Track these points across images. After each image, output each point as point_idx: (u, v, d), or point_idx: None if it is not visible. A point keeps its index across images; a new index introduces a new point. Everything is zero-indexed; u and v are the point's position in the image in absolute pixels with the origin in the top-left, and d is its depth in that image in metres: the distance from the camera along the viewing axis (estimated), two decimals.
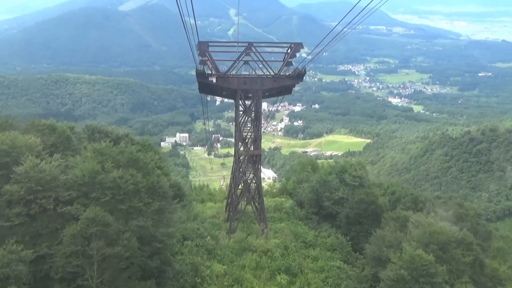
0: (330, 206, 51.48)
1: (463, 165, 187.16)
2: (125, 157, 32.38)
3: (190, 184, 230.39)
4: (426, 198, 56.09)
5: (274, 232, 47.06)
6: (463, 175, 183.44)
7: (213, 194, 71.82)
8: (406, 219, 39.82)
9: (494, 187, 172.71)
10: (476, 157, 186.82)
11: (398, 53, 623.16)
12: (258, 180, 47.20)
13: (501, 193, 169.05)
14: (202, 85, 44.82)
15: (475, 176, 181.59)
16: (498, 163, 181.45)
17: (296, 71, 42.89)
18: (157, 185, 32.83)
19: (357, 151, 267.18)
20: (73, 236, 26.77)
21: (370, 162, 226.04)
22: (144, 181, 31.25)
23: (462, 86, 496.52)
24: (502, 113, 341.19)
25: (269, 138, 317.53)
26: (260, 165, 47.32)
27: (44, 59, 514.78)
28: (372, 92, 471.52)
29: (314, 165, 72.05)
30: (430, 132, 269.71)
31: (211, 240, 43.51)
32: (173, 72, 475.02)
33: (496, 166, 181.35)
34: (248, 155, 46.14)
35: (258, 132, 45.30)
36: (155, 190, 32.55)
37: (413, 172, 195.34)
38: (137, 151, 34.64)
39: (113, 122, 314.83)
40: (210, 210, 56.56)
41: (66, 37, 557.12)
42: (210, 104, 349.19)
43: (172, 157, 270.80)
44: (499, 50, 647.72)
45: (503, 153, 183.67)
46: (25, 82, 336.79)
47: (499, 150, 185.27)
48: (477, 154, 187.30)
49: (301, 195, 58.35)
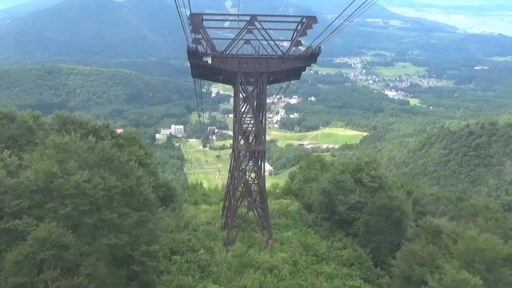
0: (344, 211, 45.04)
1: (462, 159, 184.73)
2: (96, 154, 26.89)
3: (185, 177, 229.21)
4: (449, 199, 49.90)
5: (280, 243, 41.25)
6: (462, 169, 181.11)
7: (207, 194, 64.50)
8: (439, 229, 34.27)
9: (493, 181, 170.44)
10: (475, 151, 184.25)
11: (395, 46, 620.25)
12: (262, 181, 40.76)
13: (501, 187, 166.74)
14: (195, 68, 39.26)
15: (474, 170, 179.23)
16: (498, 157, 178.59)
17: (308, 51, 36.46)
18: (136, 190, 27.43)
19: (354, 144, 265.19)
20: (17, 264, 19.79)
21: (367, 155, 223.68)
22: (120, 185, 25.97)
23: (458, 79, 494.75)
24: (499, 107, 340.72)
25: None
26: (264, 163, 40.95)
27: (38, 50, 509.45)
28: (369, 85, 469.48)
29: (323, 162, 64.18)
30: (427, 126, 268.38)
31: (205, 254, 37.63)
32: (169, 63, 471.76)
33: (496, 160, 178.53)
34: (249, 151, 40.15)
35: (262, 124, 39.22)
36: (134, 197, 27.30)
37: (411, 166, 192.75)
38: (113, 147, 29.66)
39: (107, 113, 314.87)
40: (205, 214, 49.87)
41: (60, 28, 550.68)
42: (206, 96, 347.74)
43: (167, 149, 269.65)
44: (495, 44, 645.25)
45: (503, 147, 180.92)
46: (18, 72, 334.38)
47: (498, 144, 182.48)
48: (476, 148, 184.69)
49: (309, 197, 52.31)
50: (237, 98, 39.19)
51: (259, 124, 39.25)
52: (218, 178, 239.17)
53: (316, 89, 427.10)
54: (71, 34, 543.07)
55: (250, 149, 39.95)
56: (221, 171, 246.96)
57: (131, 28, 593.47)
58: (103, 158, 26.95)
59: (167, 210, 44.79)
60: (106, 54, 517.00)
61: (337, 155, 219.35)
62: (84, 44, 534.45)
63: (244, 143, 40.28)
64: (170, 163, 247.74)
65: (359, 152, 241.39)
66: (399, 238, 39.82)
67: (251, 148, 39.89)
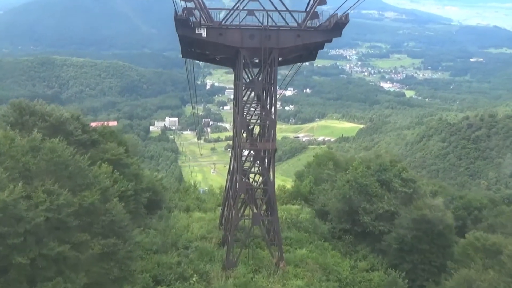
0: (370, 222, 37.88)
1: (461, 152, 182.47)
2: (43, 158, 19.49)
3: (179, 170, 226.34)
4: (481, 203, 43.83)
5: (294, 265, 33.28)
6: (461, 162, 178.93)
7: (202, 199, 55.36)
8: (496, 248, 27.78)
9: (493, 174, 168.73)
10: (475, 144, 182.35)
11: (390, 38, 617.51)
12: (271, 187, 32.11)
13: (500, 180, 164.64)
14: (186, 44, 31.28)
15: (474, 163, 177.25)
16: (498, 150, 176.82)
17: (332, 20, 28.39)
18: (100, 208, 20.20)
19: (350, 137, 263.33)
20: None
21: (364, 148, 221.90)
22: (76, 201, 19.13)
23: (454, 71, 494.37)
24: (495, 98, 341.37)
25: None
26: (273, 165, 32.36)
27: (31, 42, 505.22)
28: (364, 77, 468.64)
29: (336, 160, 55.42)
30: (424, 118, 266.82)
31: (199, 282, 29.65)
32: (163, 55, 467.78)
33: (495, 153, 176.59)
34: (255, 150, 31.77)
35: (272, 116, 30.61)
36: (97, 217, 20.11)
37: (409, 158, 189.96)
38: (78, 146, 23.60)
39: (101, 105, 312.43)
40: (198, 224, 41.12)
41: (53, 20, 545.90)
42: (200, 88, 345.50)
43: (161, 141, 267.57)
44: (490, 36, 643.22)
45: (502, 140, 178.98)
46: (10, 64, 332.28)
47: (498, 136, 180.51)
48: (476, 141, 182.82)
49: (323, 202, 44.95)
50: (239, 83, 31.23)
51: (268, 115, 30.57)
52: (214, 172, 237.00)
53: (312, 81, 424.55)
54: (64, 26, 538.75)
55: (257, 147, 31.39)
56: (217, 164, 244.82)
57: (125, 19, 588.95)
58: (53, 163, 19.34)
59: (153, 219, 40.21)
60: (100, 46, 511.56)
61: (333, 147, 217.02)
62: (77, 36, 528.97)
63: (247, 140, 31.99)
64: (164, 156, 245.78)
65: (355, 144, 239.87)
66: (441, 259, 33.63)
67: (257, 146, 31.35)
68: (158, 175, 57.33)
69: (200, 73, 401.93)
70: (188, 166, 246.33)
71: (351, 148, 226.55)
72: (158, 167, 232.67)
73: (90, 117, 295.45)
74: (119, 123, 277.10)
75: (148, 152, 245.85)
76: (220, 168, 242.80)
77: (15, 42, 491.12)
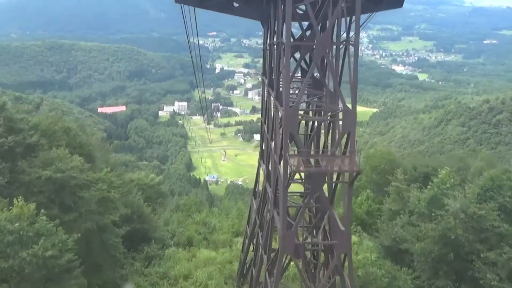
0: (493, 279, 23.83)
1: (482, 137, 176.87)
2: None
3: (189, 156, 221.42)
4: None
5: None
6: (481, 147, 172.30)
7: (210, 225, 39.08)
8: None
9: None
10: (496, 128, 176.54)
11: (401, 20, 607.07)
12: (346, 246, 18.58)
13: None
14: None
15: (495, 149, 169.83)
16: None
17: None
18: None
19: (364, 121, 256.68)
20: None
21: (379, 132, 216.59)
22: None
23: (466, 54, 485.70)
24: (511, 81, 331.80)
25: None
26: (350, 203, 18.63)
27: (39, 26, 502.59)
28: (375, 60, 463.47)
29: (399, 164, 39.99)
30: (438, 101, 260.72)
31: None
32: (172, 39, 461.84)
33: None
34: (315, 174, 18.03)
35: (349, 105, 17.71)
36: None
37: (427, 144, 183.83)
38: None
39: (109, 90, 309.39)
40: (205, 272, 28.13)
41: (61, 4, 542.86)
42: (209, 71, 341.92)
43: (170, 126, 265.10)
44: (503, 17, 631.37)
45: None
46: (18, 49, 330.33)
47: None
48: (497, 125, 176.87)
49: (398, 236, 29.54)
50: (279, 43, 18.79)
51: (343, 103, 17.68)
52: (224, 160, 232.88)
53: None
54: (72, 10, 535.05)
55: (321, 170, 17.61)
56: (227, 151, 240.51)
57: (133, 3, 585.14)
58: None
59: (136, 261, 29.55)
60: (108, 30, 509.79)
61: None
62: (85, 20, 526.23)
63: (299, 157, 17.48)
64: (173, 141, 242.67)
65: (370, 129, 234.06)
66: None
67: (323, 169, 17.54)
68: (156, 177, 44.80)
69: (209, 57, 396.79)
70: (198, 152, 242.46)
71: (365, 133, 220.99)
72: (167, 153, 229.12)
73: (98, 102, 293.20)
74: (128, 108, 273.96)
75: (157, 138, 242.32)
76: (230, 154, 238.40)
77: (23, 26, 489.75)
